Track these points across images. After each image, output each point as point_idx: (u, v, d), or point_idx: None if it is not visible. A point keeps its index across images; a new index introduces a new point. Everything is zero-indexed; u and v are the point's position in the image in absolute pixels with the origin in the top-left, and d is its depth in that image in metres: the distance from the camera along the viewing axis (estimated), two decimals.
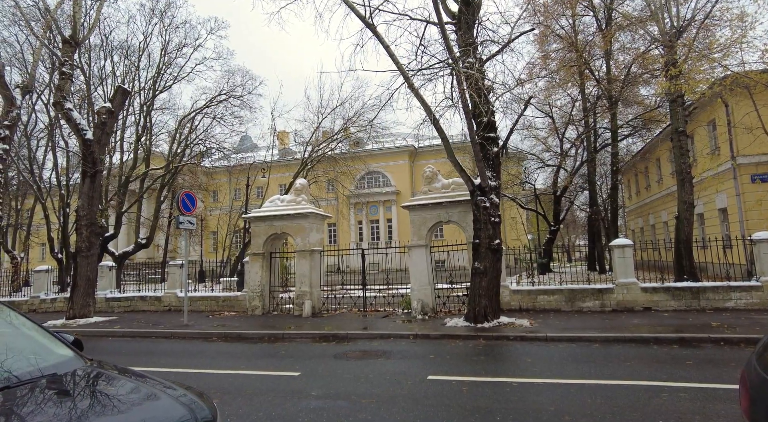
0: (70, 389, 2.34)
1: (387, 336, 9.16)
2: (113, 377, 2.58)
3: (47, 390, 2.24)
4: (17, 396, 2.11)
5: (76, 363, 2.63)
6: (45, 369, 2.43)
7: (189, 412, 2.24)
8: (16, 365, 2.39)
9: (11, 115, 14.81)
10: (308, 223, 13.16)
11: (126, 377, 2.58)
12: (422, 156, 42.84)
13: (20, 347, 2.60)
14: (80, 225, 12.86)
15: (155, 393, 2.39)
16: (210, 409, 2.33)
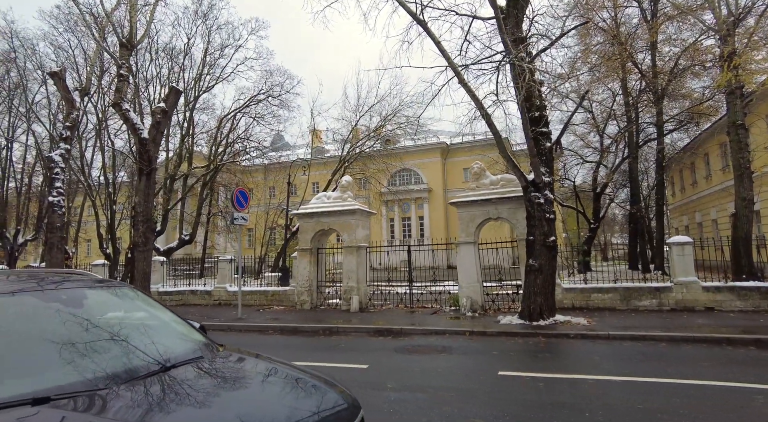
0: (222, 370, 2.47)
1: (442, 332, 9.18)
2: (256, 361, 2.70)
3: (203, 371, 2.37)
4: (184, 376, 2.24)
5: (212, 347, 2.77)
6: (192, 352, 2.57)
7: (341, 397, 2.33)
8: (171, 347, 2.54)
9: (72, 116, 15.55)
10: (355, 219, 13.30)
11: (266, 361, 2.70)
12: (454, 153, 42.54)
13: (164, 330, 2.75)
14: (137, 221, 13.37)
15: (302, 377, 2.50)
16: (354, 398, 2.41)
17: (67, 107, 15.76)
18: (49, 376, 1.95)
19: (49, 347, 2.12)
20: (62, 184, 15.15)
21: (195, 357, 2.51)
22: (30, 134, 28.76)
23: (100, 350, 2.23)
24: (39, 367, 2.00)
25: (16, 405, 1.74)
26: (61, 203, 14.78)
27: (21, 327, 2.18)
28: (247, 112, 25.89)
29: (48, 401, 1.78)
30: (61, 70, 15.90)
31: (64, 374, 1.99)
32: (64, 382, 1.93)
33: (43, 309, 2.34)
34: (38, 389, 1.84)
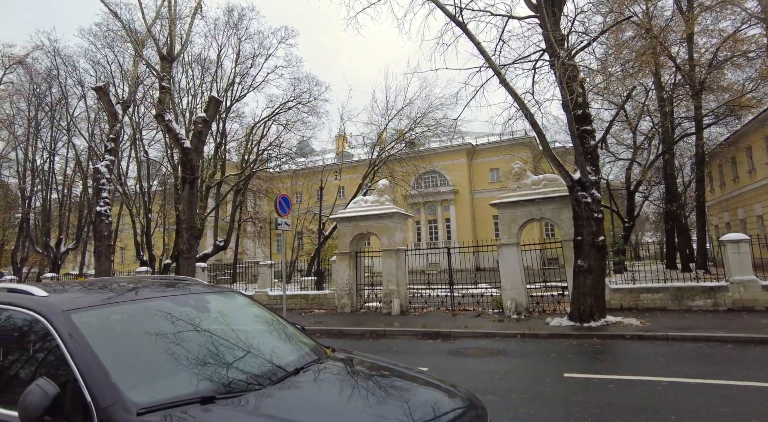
0: (346, 372, 2.52)
1: (491, 334, 9.10)
2: (370, 362, 2.75)
3: (330, 373, 2.43)
4: (317, 377, 2.29)
5: (322, 349, 2.83)
6: (311, 354, 2.64)
7: (468, 398, 2.34)
8: (293, 349, 2.61)
9: (115, 129, 16.11)
10: (393, 222, 13.34)
11: (379, 363, 2.74)
12: (480, 154, 42.22)
13: (281, 333, 2.83)
14: (181, 229, 13.72)
15: (423, 378, 2.53)
16: (479, 400, 2.42)
17: (110, 119, 16.33)
18: (203, 377, 2.03)
19: (196, 350, 2.21)
20: (108, 194, 15.68)
21: (316, 359, 2.57)
22: (70, 147, 29.93)
23: (238, 352, 2.31)
24: (193, 369, 2.08)
25: (188, 403, 1.82)
26: (107, 212, 15.30)
27: (167, 330, 2.28)
28: (276, 119, 26.35)
29: (213, 400, 1.85)
30: (105, 84, 16.51)
31: (215, 375, 2.07)
32: (218, 383, 2.01)
33: (181, 314, 2.44)
34: (200, 389, 1.92)
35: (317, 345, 2.87)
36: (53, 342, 1.96)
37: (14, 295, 2.28)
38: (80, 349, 1.89)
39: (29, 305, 2.15)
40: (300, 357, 2.51)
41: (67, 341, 1.92)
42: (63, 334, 1.95)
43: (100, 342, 1.98)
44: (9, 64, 24.27)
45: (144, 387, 1.89)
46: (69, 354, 1.88)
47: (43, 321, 2.04)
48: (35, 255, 33.11)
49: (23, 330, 2.13)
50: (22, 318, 2.14)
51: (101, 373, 1.82)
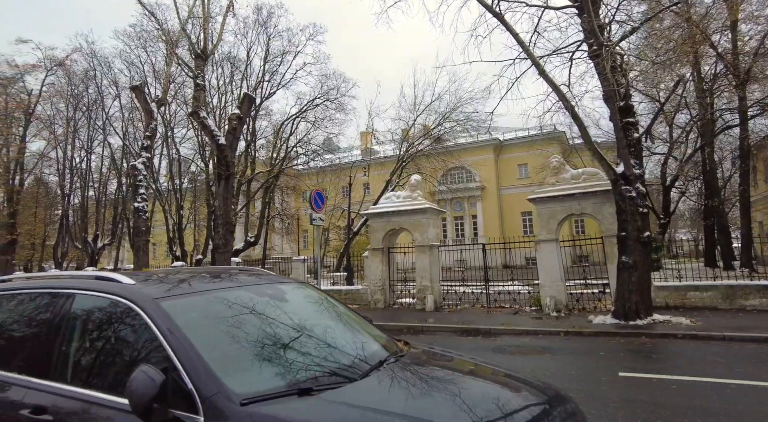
0: (428, 366, 2.43)
1: (533, 332, 8.89)
2: (450, 356, 2.67)
3: (415, 366, 2.35)
4: (403, 371, 2.21)
5: (395, 342, 2.76)
6: (388, 347, 2.56)
7: (559, 392, 2.23)
8: (371, 341, 2.54)
9: (151, 127, 16.45)
10: (426, 218, 13.21)
11: (461, 356, 2.66)
12: (508, 149, 41.54)
13: (355, 325, 2.76)
14: (217, 224, 13.93)
15: (503, 370, 2.44)
16: (570, 397, 2.30)
17: (146, 117, 16.68)
18: (296, 368, 1.98)
19: (285, 340, 2.16)
20: (145, 190, 16.05)
21: (395, 352, 2.49)
22: (105, 145, 30.85)
23: (322, 343, 2.26)
24: (284, 360, 2.03)
25: (287, 394, 1.76)
26: (145, 208, 15.66)
27: (252, 320, 2.23)
28: (304, 117, 26.50)
29: (310, 392, 1.79)
30: (141, 83, 16.90)
31: (307, 366, 2.01)
32: (311, 375, 1.95)
33: (262, 304, 2.40)
34: (295, 380, 1.87)
35: (390, 338, 2.80)
36: (148, 329, 1.93)
37: (103, 283, 2.27)
38: (176, 337, 1.86)
39: (120, 292, 2.13)
40: (379, 350, 2.44)
41: (162, 329, 1.89)
42: (158, 322, 1.92)
43: (193, 331, 1.94)
44: (50, 66, 25.08)
45: (241, 377, 1.84)
46: (166, 342, 1.84)
47: (136, 308, 2.02)
48: (74, 250, 34.36)
49: (116, 317, 2.12)
50: (114, 305, 2.13)
51: (200, 362, 1.78)
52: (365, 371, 2.08)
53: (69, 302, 2.25)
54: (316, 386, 1.84)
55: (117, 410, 1.78)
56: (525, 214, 40.16)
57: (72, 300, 2.25)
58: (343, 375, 2.00)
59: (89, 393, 1.91)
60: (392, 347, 2.59)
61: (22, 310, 2.52)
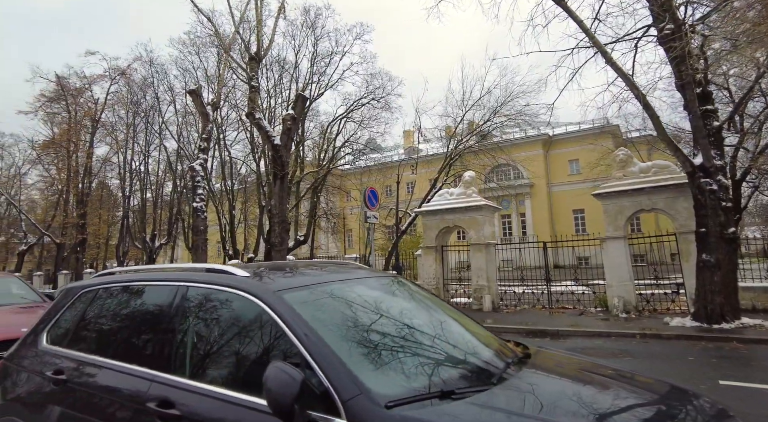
0: (561, 369, 2.24)
1: (605, 334, 8.41)
2: (576, 359, 2.47)
3: (547, 369, 2.17)
4: (536, 374, 2.03)
5: (506, 342, 2.58)
6: (507, 348, 2.38)
7: (708, 398, 2.00)
8: (489, 341, 2.37)
9: (207, 129, 17.00)
10: (482, 216, 12.86)
11: (582, 357, 2.45)
12: (558, 144, 40.09)
13: (464, 323, 2.59)
14: (273, 223, 14.20)
15: (637, 375, 2.23)
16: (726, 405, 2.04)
17: (203, 120, 17.24)
18: (430, 369, 1.83)
19: (411, 338, 2.03)
20: (203, 191, 16.59)
21: (518, 354, 2.31)
22: (161, 149, 32.35)
23: (447, 342, 2.11)
24: (415, 358, 1.90)
25: (429, 397, 1.62)
26: (203, 208, 16.16)
27: (370, 314, 2.12)
28: (350, 117, 26.68)
29: (452, 395, 1.64)
30: (198, 87, 17.48)
31: (441, 367, 1.87)
32: (448, 376, 1.80)
33: (377, 298, 2.29)
34: (434, 382, 1.72)
35: (500, 338, 2.62)
36: (273, 323, 1.84)
37: (217, 275, 2.22)
38: (307, 332, 1.75)
39: (238, 285, 2.06)
40: (501, 350, 2.26)
41: (289, 323, 1.79)
42: (284, 315, 1.83)
43: (321, 326, 1.84)
44: (114, 75, 26.56)
45: (378, 377, 1.71)
46: (296, 337, 1.74)
47: (257, 301, 1.94)
48: (134, 250, 36.28)
49: (235, 310, 2.06)
50: (232, 297, 2.06)
51: (336, 359, 1.66)
52: (499, 373, 1.91)
53: (183, 295, 2.21)
54: (458, 389, 1.68)
55: (249, 409, 1.69)
56: (577, 212, 38.66)
57: (186, 293, 2.21)
58: (479, 378, 1.84)
59: (216, 390, 1.84)
60: (509, 347, 2.40)
61: (134, 302, 2.53)
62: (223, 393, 1.80)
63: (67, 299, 2.83)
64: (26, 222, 31.67)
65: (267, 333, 1.88)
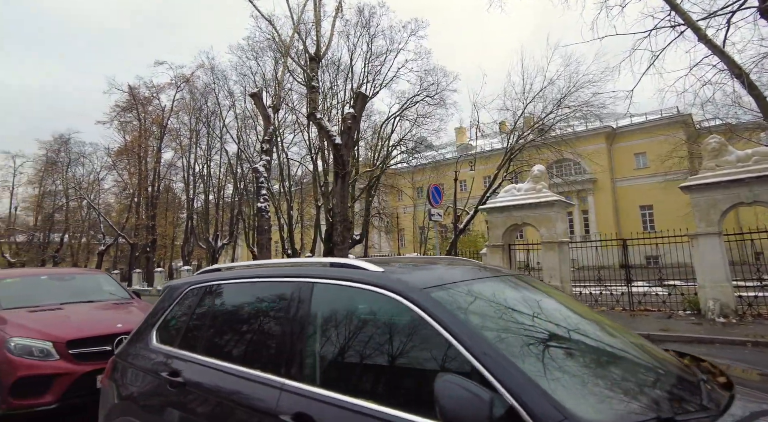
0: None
1: (707, 340, 7.58)
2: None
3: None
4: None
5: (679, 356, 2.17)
6: (689, 366, 1.98)
7: None
8: (670, 360, 1.97)
9: (269, 131, 17.36)
10: (554, 212, 12.15)
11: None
12: (622, 137, 37.77)
13: (631, 335, 2.22)
14: (335, 222, 14.20)
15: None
16: None
17: (265, 123, 17.65)
18: (626, 388, 1.50)
19: (584, 346, 1.71)
20: (267, 191, 16.96)
21: (707, 370, 1.90)
22: (222, 152, 33.68)
23: (626, 356, 1.76)
24: (600, 373, 1.57)
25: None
26: (267, 208, 16.52)
27: (526, 317, 1.81)
28: (404, 115, 26.44)
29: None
30: (260, 90, 17.90)
31: (637, 386, 1.53)
32: (647, 399, 1.46)
33: (523, 300, 1.99)
34: (640, 407, 1.39)
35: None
36: (426, 326, 1.58)
37: (348, 270, 1.99)
38: (475, 339, 1.47)
39: (377, 281, 1.81)
40: (690, 368, 1.86)
41: (449, 326, 1.52)
42: (441, 317, 1.55)
43: (486, 331, 1.55)
44: (179, 83, 27.92)
45: (574, 398, 1.39)
46: (461, 344, 1.47)
47: (402, 300, 1.68)
48: (197, 249, 38.08)
49: (375, 310, 1.82)
50: (370, 296, 1.82)
51: (522, 375, 1.36)
52: (717, 398, 1.52)
53: (308, 292, 2.00)
54: (677, 415, 1.34)
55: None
56: (644, 208, 36.30)
57: (311, 290, 2.00)
58: (691, 402, 1.48)
59: (365, 404, 1.58)
60: (689, 363, 2.00)
61: (249, 300, 2.38)
62: (376, 409, 1.54)
63: (173, 297, 2.74)
64: (104, 224, 34.06)
65: (417, 337, 1.62)
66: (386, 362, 1.70)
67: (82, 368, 4.46)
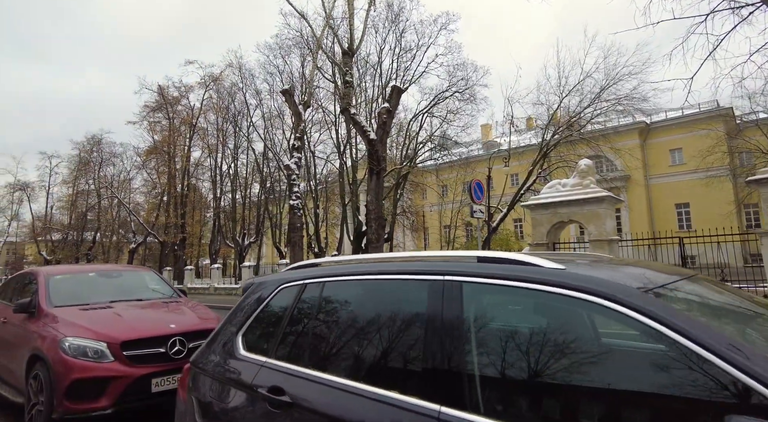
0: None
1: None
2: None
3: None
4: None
5: None
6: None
7: None
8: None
9: (300, 128, 17.15)
10: (603, 208, 11.52)
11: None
12: (656, 133, 36.37)
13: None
14: (369, 219, 13.87)
15: None
16: None
17: (296, 120, 17.46)
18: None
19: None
20: (298, 189, 16.74)
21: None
22: (249, 151, 33.78)
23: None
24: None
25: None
26: (299, 205, 16.30)
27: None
28: (431, 112, 25.94)
29: None
30: (291, 87, 17.72)
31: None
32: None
33: (737, 305, 1.55)
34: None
35: None
36: (667, 343, 1.16)
37: (513, 267, 1.57)
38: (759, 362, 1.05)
39: (566, 281, 1.40)
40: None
41: (712, 346, 1.10)
42: (696, 334, 1.13)
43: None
44: (208, 82, 28.08)
45: None
46: (744, 371, 1.04)
47: (617, 307, 1.26)
48: (224, 248, 38.36)
49: (560, 317, 1.41)
50: (553, 300, 1.41)
51: None
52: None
53: (455, 294, 1.59)
54: None
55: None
56: (680, 206, 34.95)
57: (459, 290, 1.60)
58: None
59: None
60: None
61: (369, 303, 1.98)
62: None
63: (261, 297, 2.37)
64: (135, 223, 34.61)
65: (643, 357, 1.21)
66: (590, 391, 1.28)
67: (137, 370, 4.20)
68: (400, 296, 1.83)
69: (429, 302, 1.64)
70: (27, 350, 4.51)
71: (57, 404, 3.98)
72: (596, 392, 1.28)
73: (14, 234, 40.54)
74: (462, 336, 1.52)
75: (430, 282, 1.68)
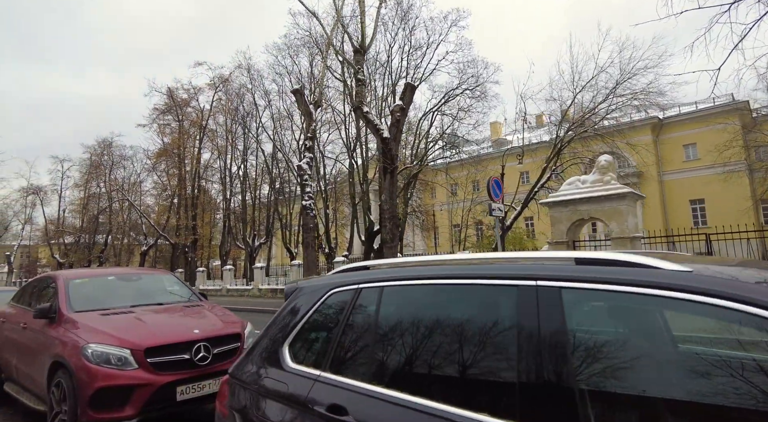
0: None
1: None
2: None
3: None
4: None
5: None
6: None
7: None
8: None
9: (311, 127, 17.00)
10: (625, 205, 11.23)
11: None
12: (670, 128, 35.79)
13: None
14: (383, 218, 13.68)
15: None
16: None
17: (307, 119, 17.31)
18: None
19: None
20: (311, 189, 16.59)
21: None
22: (258, 152, 33.72)
23: None
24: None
25: None
26: (312, 205, 16.15)
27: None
28: (441, 110, 25.68)
29: None
30: (301, 87, 17.59)
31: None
32: None
33: None
34: None
35: None
36: None
37: (628, 270, 1.33)
38: None
39: (700, 287, 1.17)
40: None
41: None
42: None
43: None
44: (218, 83, 28.05)
45: None
46: None
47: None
48: (234, 249, 38.35)
49: (718, 335, 1.20)
50: (688, 309, 1.19)
51: None
52: None
53: (552, 302, 1.38)
54: None
55: None
56: (695, 202, 34.39)
57: (559, 299, 1.38)
58: None
59: None
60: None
61: (439, 310, 1.76)
62: None
63: (309, 304, 2.17)
64: (146, 225, 34.72)
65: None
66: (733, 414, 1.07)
67: (162, 378, 4.04)
68: (479, 304, 1.61)
69: (519, 311, 1.43)
70: (48, 356, 4.37)
71: (81, 413, 3.84)
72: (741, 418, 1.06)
73: (28, 237, 40.89)
74: (566, 351, 1.31)
75: (518, 288, 1.47)
